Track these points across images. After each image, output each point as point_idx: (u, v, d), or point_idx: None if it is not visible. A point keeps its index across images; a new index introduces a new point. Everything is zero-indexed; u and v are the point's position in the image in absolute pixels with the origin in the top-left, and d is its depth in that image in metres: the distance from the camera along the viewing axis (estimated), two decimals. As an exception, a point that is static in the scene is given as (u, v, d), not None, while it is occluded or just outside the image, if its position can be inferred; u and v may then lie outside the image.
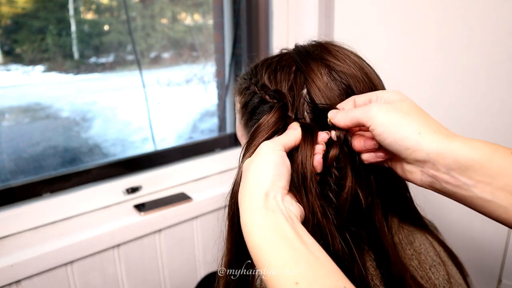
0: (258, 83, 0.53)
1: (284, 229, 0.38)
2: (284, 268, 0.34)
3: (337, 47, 0.53)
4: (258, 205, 0.40)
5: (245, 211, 0.41)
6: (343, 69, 0.50)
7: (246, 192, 0.42)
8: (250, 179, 0.43)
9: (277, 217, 0.39)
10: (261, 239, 0.37)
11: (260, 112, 0.52)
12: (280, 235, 0.37)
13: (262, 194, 0.41)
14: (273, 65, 0.54)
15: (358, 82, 0.49)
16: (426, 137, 0.39)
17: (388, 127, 0.41)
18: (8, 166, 1.14)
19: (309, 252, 0.36)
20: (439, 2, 0.94)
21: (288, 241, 0.37)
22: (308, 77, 0.49)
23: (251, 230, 0.39)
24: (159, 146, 1.35)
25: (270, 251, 0.36)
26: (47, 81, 1.30)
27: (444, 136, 0.39)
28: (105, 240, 0.98)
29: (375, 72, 0.53)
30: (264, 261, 0.36)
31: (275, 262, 0.35)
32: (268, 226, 0.38)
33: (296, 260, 0.35)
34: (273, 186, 0.42)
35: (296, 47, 0.56)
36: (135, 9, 1.45)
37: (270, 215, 0.39)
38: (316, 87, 0.49)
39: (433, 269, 0.53)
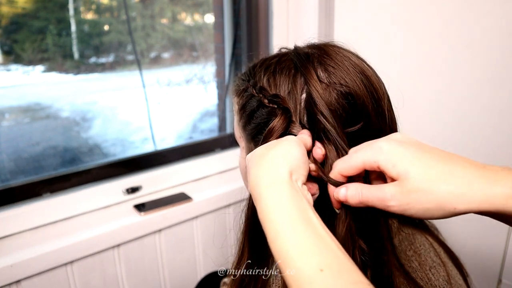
0: (256, 86, 0.53)
1: (308, 212, 0.36)
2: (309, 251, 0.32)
3: (337, 49, 0.52)
4: (283, 179, 0.38)
5: (266, 184, 0.38)
6: (342, 73, 0.49)
7: (269, 166, 0.40)
8: (274, 157, 0.41)
9: (301, 198, 0.37)
10: (284, 215, 0.35)
11: (259, 116, 0.51)
12: (304, 218, 0.35)
13: (287, 170, 0.39)
14: (272, 67, 0.53)
15: (358, 86, 0.49)
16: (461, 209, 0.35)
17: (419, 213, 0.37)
18: (8, 166, 1.14)
19: (333, 243, 0.34)
20: (439, 2, 0.94)
21: (312, 227, 0.35)
22: (308, 81, 0.49)
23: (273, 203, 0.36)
24: (159, 146, 1.35)
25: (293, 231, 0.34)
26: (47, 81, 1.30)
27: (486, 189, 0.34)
28: (105, 240, 0.98)
29: (376, 74, 0.53)
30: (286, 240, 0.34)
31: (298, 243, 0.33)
32: (292, 205, 0.36)
33: (321, 247, 0.33)
34: (297, 169, 0.40)
35: (296, 49, 0.55)
36: (135, 9, 1.45)
37: (294, 193, 0.37)
38: (315, 90, 0.48)
39: (433, 270, 0.53)
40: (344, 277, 0.31)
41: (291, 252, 0.33)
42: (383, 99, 0.51)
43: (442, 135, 0.97)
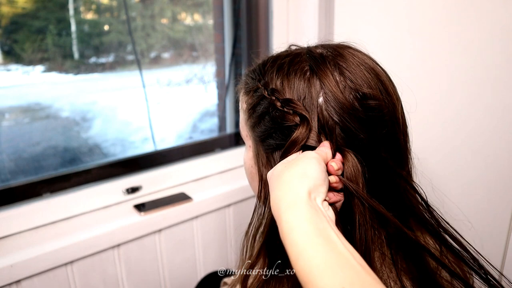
0: (268, 86, 0.51)
1: (327, 231, 0.37)
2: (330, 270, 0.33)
3: (352, 51, 0.51)
4: (301, 201, 0.38)
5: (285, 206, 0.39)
6: (359, 77, 0.48)
7: (287, 187, 0.40)
8: (292, 177, 0.41)
9: (319, 218, 0.38)
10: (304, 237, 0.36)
11: (270, 119, 0.50)
12: (325, 237, 0.36)
13: (306, 191, 0.39)
14: (285, 68, 0.51)
15: (373, 90, 0.48)
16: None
17: None
18: (8, 166, 1.14)
19: (353, 259, 0.35)
20: (439, 1, 0.94)
21: (332, 245, 0.35)
22: (324, 85, 0.48)
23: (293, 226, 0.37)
24: (159, 146, 1.35)
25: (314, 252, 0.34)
26: (47, 81, 1.30)
27: None
28: (105, 240, 0.98)
29: (389, 77, 0.52)
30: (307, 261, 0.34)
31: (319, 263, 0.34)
32: (312, 224, 0.37)
33: (342, 264, 0.34)
34: (316, 188, 0.41)
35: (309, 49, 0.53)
36: (135, 9, 1.45)
37: (313, 213, 0.38)
38: (332, 96, 0.47)
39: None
40: None
41: (313, 272, 0.34)
42: (397, 104, 0.50)
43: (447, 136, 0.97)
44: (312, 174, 0.41)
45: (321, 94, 0.47)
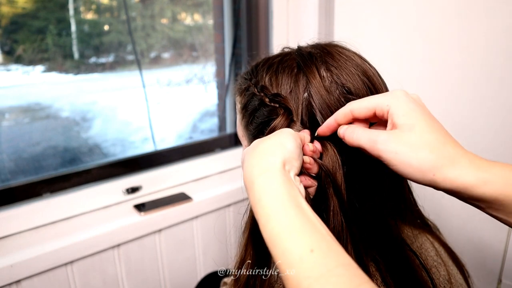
0: (258, 85, 0.53)
1: (298, 198, 0.37)
2: (300, 233, 0.33)
3: (340, 49, 0.53)
4: (276, 167, 0.39)
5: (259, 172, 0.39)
6: (345, 73, 0.49)
7: (262, 155, 0.41)
8: (268, 146, 0.42)
9: (291, 186, 0.38)
10: (275, 200, 0.36)
11: (260, 115, 0.52)
12: (295, 204, 0.36)
13: (280, 160, 0.40)
14: (274, 66, 0.53)
15: (358, 87, 0.49)
16: (440, 177, 0.38)
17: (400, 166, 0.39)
18: (8, 166, 1.14)
19: (323, 227, 0.35)
20: (439, 1, 0.94)
21: (303, 212, 0.36)
22: (310, 80, 0.49)
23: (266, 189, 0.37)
24: (159, 146, 1.35)
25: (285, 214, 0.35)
26: (47, 81, 1.30)
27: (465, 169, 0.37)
28: (105, 240, 0.98)
29: (379, 75, 0.53)
30: (276, 223, 0.34)
31: (288, 225, 0.34)
32: (284, 190, 0.37)
33: (312, 230, 0.34)
34: (290, 160, 0.41)
35: (299, 48, 0.55)
36: (135, 9, 1.45)
37: (286, 180, 0.38)
38: (317, 90, 0.48)
39: (434, 269, 0.53)
40: (334, 258, 0.32)
41: (281, 234, 0.34)
42: None
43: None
44: (288, 146, 0.42)
45: (307, 89, 0.49)
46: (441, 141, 0.39)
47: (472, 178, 0.36)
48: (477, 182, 0.36)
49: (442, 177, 0.37)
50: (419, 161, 0.38)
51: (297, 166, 0.42)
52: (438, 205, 1.02)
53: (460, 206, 0.99)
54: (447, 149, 0.38)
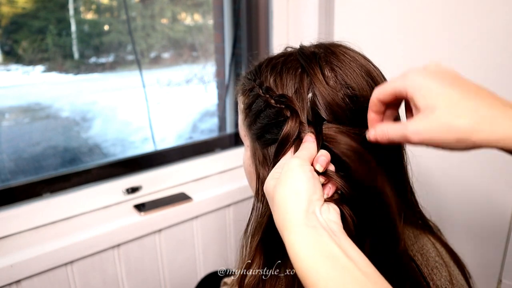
0: (262, 85, 0.52)
1: (329, 246, 0.37)
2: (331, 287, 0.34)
3: (344, 49, 0.52)
4: (297, 223, 0.39)
5: (287, 233, 0.40)
6: (349, 73, 0.49)
7: (283, 213, 0.41)
8: (285, 200, 0.41)
9: (319, 234, 0.38)
10: (306, 260, 0.37)
11: (265, 116, 0.51)
12: (326, 255, 0.36)
13: (301, 212, 0.40)
14: (278, 67, 0.53)
15: (363, 87, 0.49)
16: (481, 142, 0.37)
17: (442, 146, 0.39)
18: (8, 166, 1.14)
19: (357, 270, 0.35)
20: (439, 1, 0.94)
21: (334, 260, 0.36)
22: (314, 80, 0.49)
23: (296, 252, 0.38)
24: (159, 146, 1.35)
25: (316, 273, 0.35)
26: (47, 81, 1.30)
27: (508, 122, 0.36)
28: (105, 240, 0.98)
29: (383, 75, 0.52)
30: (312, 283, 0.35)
31: (323, 284, 0.34)
32: (312, 245, 0.37)
33: (346, 280, 0.34)
34: (310, 202, 0.41)
35: (302, 48, 0.54)
36: (135, 9, 1.45)
37: (312, 233, 0.38)
38: (321, 90, 0.48)
39: (435, 270, 0.53)
40: None
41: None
42: None
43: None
44: (302, 188, 0.41)
45: (311, 89, 0.49)
46: (471, 107, 0.37)
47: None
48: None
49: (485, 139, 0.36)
50: (456, 135, 0.37)
51: (318, 197, 0.42)
52: (439, 206, 1.02)
53: (460, 207, 0.99)
54: (481, 113, 0.37)
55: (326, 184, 0.45)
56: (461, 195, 0.98)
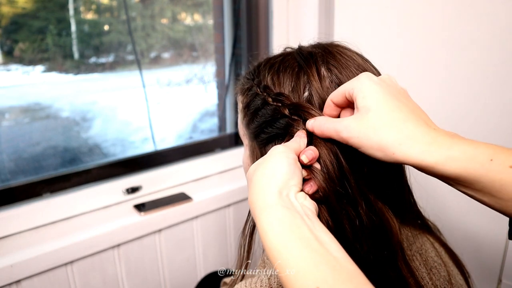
0: (260, 84, 0.53)
1: (301, 228, 0.37)
2: (304, 271, 0.33)
3: (341, 49, 0.53)
4: (272, 203, 0.39)
5: (259, 211, 0.39)
6: (345, 73, 0.49)
7: (258, 191, 0.41)
8: (261, 179, 0.42)
9: (292, 215, 0.38)
10: (277, 239, 0.36)
11: (263, 114, 0.52)
12: (297, 235, 0.36)
13: (275, 192, 0.40)
14: (276, 66, 0.53)
15: None
16: (400, 156, 0.38)
17: (365, 148, 0.41)
18: (8, 166, 1.14)
19: (328, 254, 0.35)
20: (439, 1, 0.94)
21: (306, 242, 0.35)
22: (310, 79, 0.49)
23: (266, 230, 0.37)
24: (159, 146, 1.35)
25: (287, 253, 0.35)
26: (47, 81, 1.30)
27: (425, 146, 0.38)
28: (105, 240, 0.98)
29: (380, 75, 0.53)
30: (281, 262, 0.35)
31: (293, 264, 0.34)
32: (284, 225, 0.37)
33: (316, 262, 0.34)
34: (286, 184, 0.41)
35: (300, 48, 0.55)
36: (135, 9, 1.45)
37: (285, 213, 0.38)
38: (316, 90, 0.48)
39: (434, 270, 0.53)
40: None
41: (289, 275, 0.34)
42: None
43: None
44: (280, 170, 0.42)
45: (307, 88, 0.49)
46: (401, 120, 0.39)
47: (434, 156, 0.37)
48: (438, 160, 0.37)
49: (402, 155, 0.38)
50: (378, 141, 0.39)
51: (295, 184, 0.42)
52: (438, 206, 1.02)
53: (460, 206, 0.99)
54: (407, 127, 0.39)
55: (308, 181, 0.45)
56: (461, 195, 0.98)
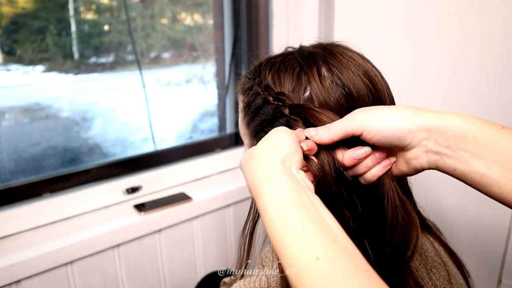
0: (261, 84, 0.53)
1: (304, 198, 0.36)
2: (304, 239, 0.32)
3: (342, 49, 0.53)
4: (275, 170, 0.38)
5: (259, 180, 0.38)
6: (346, 73, 0.49)
7: (260, 162, 0.40)
8: (264, 150, 0.41)
9: (295, 184, 0.37)
10: (279, 208, 0.35)
11: (263, 113, 0.52)
12: (300, 205, 0.35)
13: (278, 160, 0.39)
14: (277, 66, 0.53)
15: (359, 88, 0.49)
16: (422, 115, 0.42)
17: (384, 121, 0.42)
18: (8, 166, 1.14)
19: (328, 228, 0.34)
20: (439, 2, 0.94)
21: (308, 212, 0.34)
22: (310, 79, 0.49)
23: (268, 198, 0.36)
24: (159, 146, 1.35)
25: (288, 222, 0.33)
26: (47, 81, 1.30)
27: (438, 113, 0.42)
28: (105, 240, 0.98)
29: (382, 76, 0.52)
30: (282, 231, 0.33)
31: (295, 232, 0.33)
32: (287, 192, 0.36)
33: (317, 233, 0.32)
34: (288, 156, 0.40)
35: (301, 48, 0.55)
36: (135, 9, 1.45)
37: (288, 180, 0.37)
38: (317, 90, 0.48)
39: (434, 269, 0.53)
40: (341, 263, 0.31)
41: (287, 242, 0.33)
42: (385, 101, 0.51)
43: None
44: (284, 143, 0.42)
45: (307, 88, 0.49)
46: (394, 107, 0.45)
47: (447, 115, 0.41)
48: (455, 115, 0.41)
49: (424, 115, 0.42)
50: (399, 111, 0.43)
51: (297, 160, 0.41)
52: (438, 206, 1.02)
53: (460, 206, 0.99)
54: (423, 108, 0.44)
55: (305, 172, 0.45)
56: (461, 194, 0.98)
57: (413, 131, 0.41)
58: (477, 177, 0.39)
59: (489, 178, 0.38)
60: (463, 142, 0.39)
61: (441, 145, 0.41)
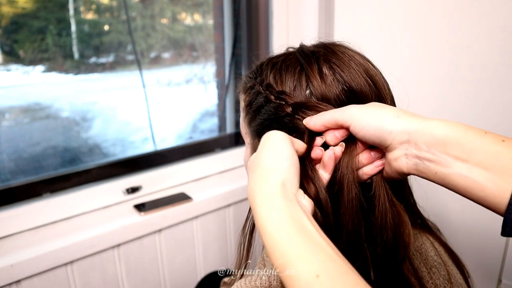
0: (263, 83, 0.53)
1: (303, 221, 0.37)
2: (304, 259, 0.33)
3: (343, 48, 0.53)
4: (276, 193, 0.39)
5: (261, 199, 0.39)
6: (346, 71, 0.50)
7: (260, 180, 0.41)
8: (264, 166, 0.41)
9: (295, 208, 0.38)
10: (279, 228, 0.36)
11: (265, 112, 0.52)
12: (299, 227, 0.36)
13: (279, 182, 0.40)
14: (278, 65, 0.54)
15: (360, 86, 0.49)
16: (405, 118, 0.42)
17: (368, 118, 0.43)
18: (8, 166, 1.14)
19: (329, 247, 0.35)
20: (439, 2, 0.94)
21: (307, 234, 0.35)
22: (311, 78, 0.49)
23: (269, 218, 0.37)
24: (159, 146, 1.35)
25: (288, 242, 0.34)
26: (47, 81, 1.30)
27: (421, 117, 0.42)
28: (105, 240, 0.98)
29: (381, 74, 0.53)
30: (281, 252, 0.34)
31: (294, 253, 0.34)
32: (287, 216, 0.37)
33: (317, 253, 0.34)
34: (288, 175, 0.41)
35: (301, 47, 0.55)
36: (135, 9, 1.45)
37: (289, 204, 0.38)
38: (318, 88, 0.49)
39: (434, 269, 0.53)
40: (340, 281, 0.32)
41: (288, 262, 0.33)
42: (386, 99, 0.51)
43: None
44: (283, 158, 0.42)
45: (308, 86, 0.50)
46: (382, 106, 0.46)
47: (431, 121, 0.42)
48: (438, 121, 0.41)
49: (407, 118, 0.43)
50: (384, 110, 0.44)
51: (295, 179, 0.42)
52: (438, 206, 1.02)
53: (460, 206, 0.99)
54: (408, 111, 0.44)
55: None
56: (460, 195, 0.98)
57: (393, 132, 0.42)
58: (460, 180, 0.39)
59: (472, 181, 0.38)
60: (445, 146, 0.39)
61: (421, 149, 0.40)
